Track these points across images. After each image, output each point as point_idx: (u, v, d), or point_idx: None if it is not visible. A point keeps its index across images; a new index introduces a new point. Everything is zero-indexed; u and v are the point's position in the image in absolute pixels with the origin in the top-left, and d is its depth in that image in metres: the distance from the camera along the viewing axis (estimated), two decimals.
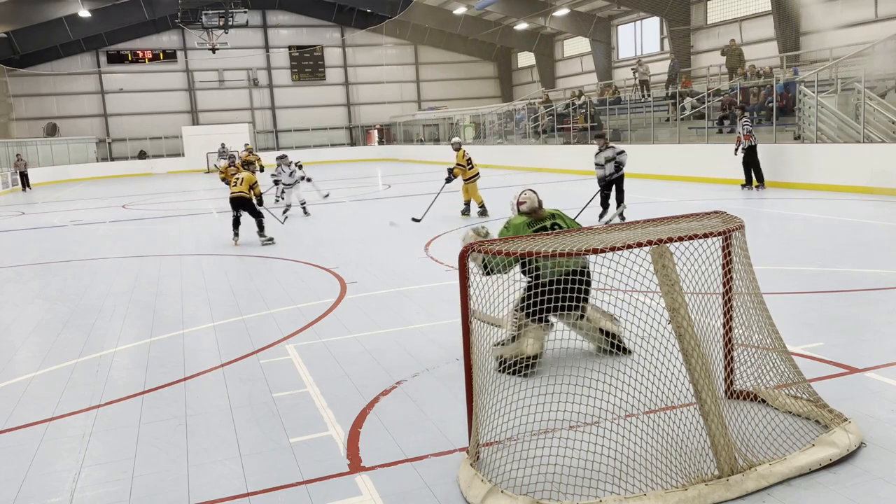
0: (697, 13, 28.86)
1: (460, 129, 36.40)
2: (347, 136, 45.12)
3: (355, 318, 6.63)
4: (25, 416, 4.70)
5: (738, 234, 3.80)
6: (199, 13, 35.12)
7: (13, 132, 37.98)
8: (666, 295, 3.46)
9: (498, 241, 3.72)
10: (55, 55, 38.73)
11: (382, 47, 44.00)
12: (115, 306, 7.78)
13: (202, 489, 3.61)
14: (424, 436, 4.04)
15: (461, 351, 3.68)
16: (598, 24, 33.93)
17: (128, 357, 5.95)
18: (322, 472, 3.69)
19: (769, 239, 9.47)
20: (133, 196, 24.08)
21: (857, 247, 8.89)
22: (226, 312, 7.20)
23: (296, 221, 14.75)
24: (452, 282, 7.13)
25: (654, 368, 3.60)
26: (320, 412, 4.47)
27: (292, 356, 5.62)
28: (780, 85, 16.99)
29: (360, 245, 11.01)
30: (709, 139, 18.42)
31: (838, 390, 4.30)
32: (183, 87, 42.03)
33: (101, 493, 3.64)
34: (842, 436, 3.54)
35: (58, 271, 10.31)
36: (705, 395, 3.34)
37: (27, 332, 7.01)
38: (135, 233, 14.45)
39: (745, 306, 3.89)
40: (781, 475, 3.32)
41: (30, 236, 14.40)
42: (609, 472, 3.34)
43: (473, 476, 3.37)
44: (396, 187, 21.97)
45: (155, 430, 4.36)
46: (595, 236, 3.80)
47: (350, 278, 8.40)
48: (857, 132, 14.36)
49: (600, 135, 12.28)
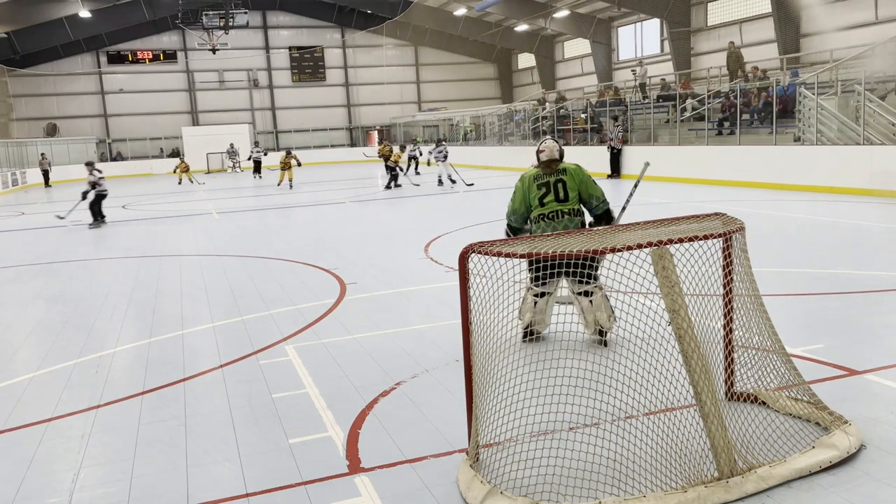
0: (698, 15, 28.87)
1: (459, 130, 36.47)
2: (347, 137, 45.12)
3: (355, 319, 6.63)
4: (25, 417, 4.70)
5: (738, 235, 3.80)
6: (199, 14, 35.17)
7: (13, 132, 37.98)
8: (666, 296, 3.46)
9: (497, 243, 3.72)
10: (55, 55, 38.75)
11: (383, 48, 44.02)
12: (114, 306, 7.77)
13: (201, 490, 3.61)
14: (424, 437, 4.04)
15: (461, 352, 3.68)
16: (598, 25, 33.95)
17: (127, 357, 5.94)
18: (321, 473, 3.69)
19: (769, 241, 9.46)
20: (133, 196, 24.08)
21: (857, 249, 8.89)
22: (225, 313, 7.20)
23: (296, 221, 14.76)
24: (452, 283, 7.13)
25: (654, 370, 3.60)
26: (320, 413, 4.47)
27: (292, 357, 5.62)
28: (780, 87, 17.01)
29: (359, 246, 11.01)
30: (708, 141, 18.44)
31: (838, 392, 4.30)
32: (183, 88, 42.06)
33: (100, 493, 3.64)
34: (842, 438, 3.53)
35: (58, 271, 10.31)
36: (705, 397, 3.34)
37: (27, 332, 7.00)
38: (135, 233, 14.45)
39: (745, 308, 3.88)
40: (781, 477, 3.31)
41: (30, 236, 14.39)
42: (608, 473, 3.34)
43: (473, 477, 3.37)
44: (396, 188, 21.96)
45: (154, 431, 4.36)
46: (595, 237, 3.80)
47: (350, 279, 8.40)
48: (857, 134, 14.37)
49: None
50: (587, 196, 5.45)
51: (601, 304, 5.22)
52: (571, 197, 5.41)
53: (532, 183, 5.43)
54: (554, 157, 5.45)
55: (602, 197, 5.51)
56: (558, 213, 5.39)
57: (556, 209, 5.38)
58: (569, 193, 5.39)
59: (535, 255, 3.42)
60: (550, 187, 5.39)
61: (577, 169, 5.49)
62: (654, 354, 3.64)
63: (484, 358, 3.59)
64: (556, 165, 5.45)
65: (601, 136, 22.53)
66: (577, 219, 5.44)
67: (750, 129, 17.77)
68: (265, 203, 19.65)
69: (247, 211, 17.84)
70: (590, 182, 5.47)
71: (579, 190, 5.43)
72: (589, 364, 3.63)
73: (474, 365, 3.57)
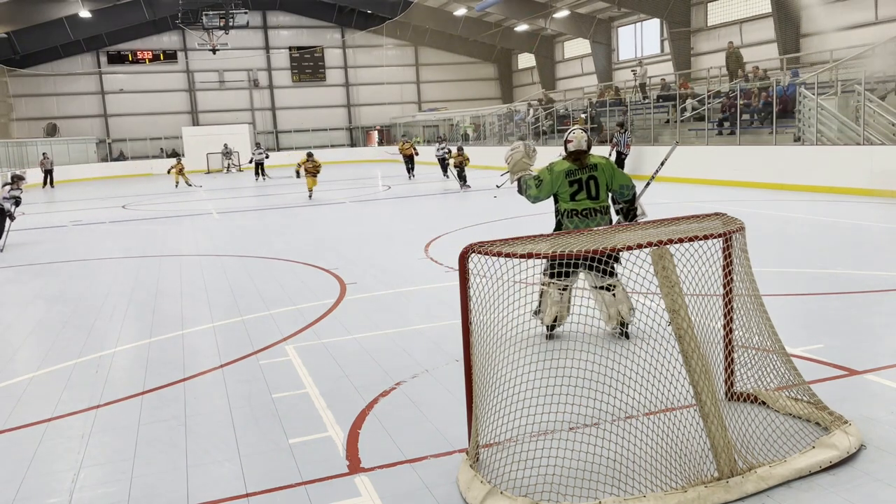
0: (698, 15, 28.87)
1: (460, 130, 36.46)
2: (347, 137, 45.11)
3: (355, 319, 6.63)
4: (25, 417, 4.70)
5: (738, 235, 3.80)
6: (199, 14, 35.15)
7: (13, 132, 37.97)
8: (666, 296, 3.46)
9: (497, 243, 3.72)
10: (55, 55, 38.73)
11: (383, 48, 44.01)
12: (114, 306, 7.77)
13: (201, 490, 3.61)
14: (424, 437, 4.04)
15: (461, 352, 3.68)
16: (598, 25, 33.94)
17: (127, 357, 5.94)
18: (321, 473, 3.69)
19: (769, 241, 9.46)
20: (133, 196, 24.09)
21: (857, 249, 8.89)
22: (225, 313, 7.20)
23: (296, 221, 14.76)
24: (452, 283, 7.13)
25: (654, 370, 3.60)
26: (320, 413, 4.47)
27: (292, 357, 5.62)
28: (780, 87, 17.01)
29: (359, 246, 11.01)
30: (709, 141, 18.43)
31: (838, 392, 4.30)
32: (183, 88, 42.04)
33: (100, 493, 3.64)
34: (842, 438, 3.53)
35: (58, 271, 10.31)
36: (705, 397, 3.34)
37: (27, 332, 7.00)
38: (135, 233, 14.45)
39: (745, 308, 3.88)
40: (781, 477, 3.31)
41: (30, 236, 14.39)
42: (608, 473, 3.34)
43: (473, 477, 3.37)
44: (397, 188, 21.98)
45: (154, 431, 4.36)
46: (596, 237, 3.80)
47: (350, 279, 8.40)
48: (857, 134, 14.36)
49: None
50: (617, 187, 5.58)
51: (623, 298, 5.34)
52: (602, 196, 5.53)
53: (564, 178, 5.48)
54: (582, 147, 5.53)
55: (630, 183, 5.67)
56: (591, 210, 5.50)
57: (590, 207, 5.49)
58: (600, 192, 5.51)
59: (535, 255, 3.42)
60: (583, 185, 5.48)
61: (606, 163, 5.59)
62: (654, 354, 3.64)
63: (484, 358, 3.59)
64: (585, 159, 5.52)
65: (600, 137, 22.45)
66: (607, 217, 5.58)
67: (750, 129, 17.77)
68: (265, 203, 19.65)
69: (247, 211, 17.84)
70: (618, 173, 5.60)
71: (609, 182, 5.54)
72: (589, 364, 3.63)
73: (474, 365, 3.57)
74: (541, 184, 5.54)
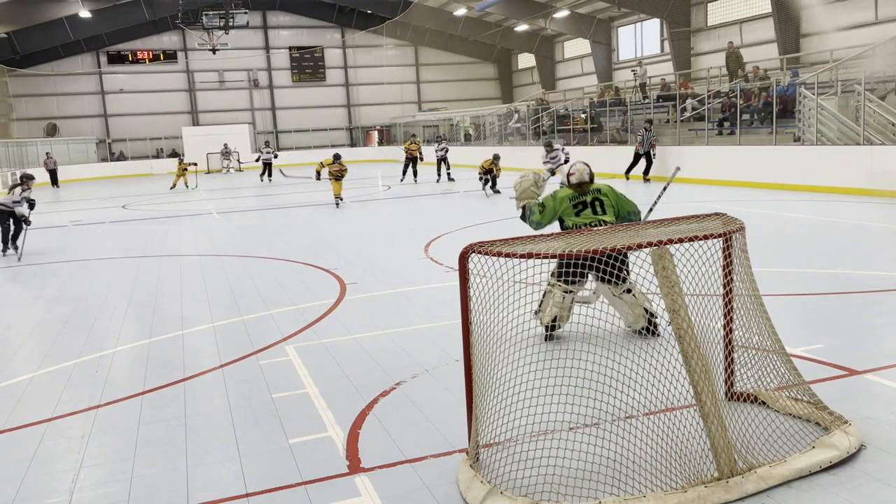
0: (698, 15, 28.86)
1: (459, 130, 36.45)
2: (347, 137, 45.10)
3: (355, 319, 6.63)
4: (25, 417, 4.70)
5: (738, 235, 3.80)
6: (199, 14, 35.12)
7: (13, 132, 37.96)
8: (666, 296, 3.46)
9: (498, 243, 3.72)
10: (55, 55, 38.71)
11: (383, 48, 44.00)
12: (114, 306, 7.77)
13: (201, 490, 3.61)
14: (424, 437, 4.04)
15: (461, 352, 3.68)
16: (598, 25, 33.94)
17: (127, 357, 5.94)
18: (321, 473, 3.69)
19: (769, 241, 9.46)
20: (133, 196, 24.08)
21: (857, 249, 8.89)
22: (225, 313, 7.20)
23: (296, 221, 14.76)
24: (452, 283, 7.13)
25: (654, 370, 3.60)
26: (320, 413, 4.47)
27: (292, 357, 5.62)
28: (780, 87, 17.01)
29: (359, 246, 11.01)
30: (709, 141, 18.43)
31: (838, 392, 4.30)
32: (183, 88, 42.03)
33: (100, 493, 3.64)
34: (842, 438, 3.53)
35: (58, 271, 10.31)
36: (705, 397, 3.34)
37: (27, 332, 7.00)
38: (135, 233, 14.45)
39: (745, 308, 3.88)
40: (781, 477, 3.31)
41: (30, 236, 14.39)
42: (608, 473, 3.34)
43: (473, 477, 3.37)
44: (396, 188, 21.98)
45: (154, 431, 4.36)
46: (596, 237, 3.80)
47: (350, 279, 8.40)
48: (857, 134, 14.37)
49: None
50: (625, 213, 5.61)
51: (643, 297, 5.38)
52: (609, 214, 5.56)
53: (568, 203, 5.55)
54: (584, 179, 5.60)
55: (636, 209, 5.70)
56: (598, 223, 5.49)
57: (594, 219, 5.51)
58: (607, 211, 5.55)
59: (535, 255, 3.42)
60: (587, 204, 5.54)
61: (610, 190, 5.64)
62: (654, 354, 3.64)
63: (484, 358, 3.59)
64: (587, 187, 5.59)
65: (600, 136, 22.46)
66: None
67: (750, 129, 17.77)
68: (265, 203, 19.65)
69: (247, 211, 17.84)
70: (624, 199, 5.64)
71: (616, 207, 5.57)
72: (589, 364, 3.63)
73: (474, 365, 3.57)
74: (544, 210, 5.60)
